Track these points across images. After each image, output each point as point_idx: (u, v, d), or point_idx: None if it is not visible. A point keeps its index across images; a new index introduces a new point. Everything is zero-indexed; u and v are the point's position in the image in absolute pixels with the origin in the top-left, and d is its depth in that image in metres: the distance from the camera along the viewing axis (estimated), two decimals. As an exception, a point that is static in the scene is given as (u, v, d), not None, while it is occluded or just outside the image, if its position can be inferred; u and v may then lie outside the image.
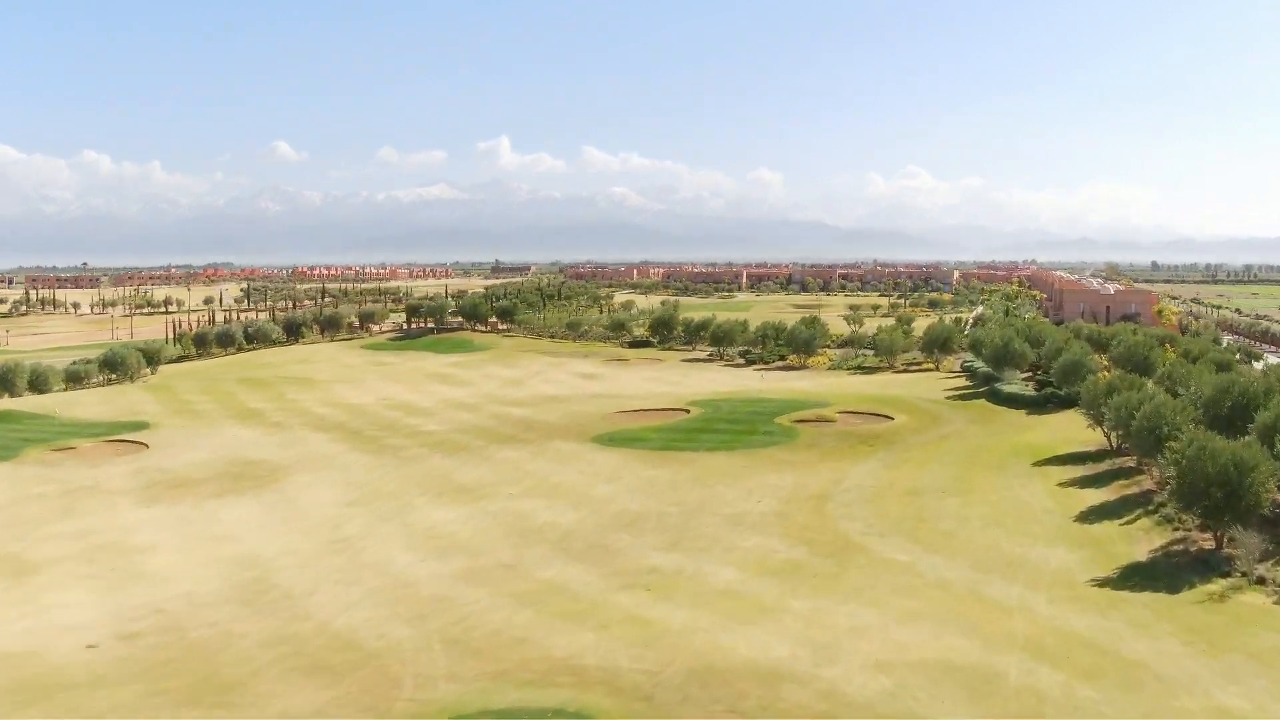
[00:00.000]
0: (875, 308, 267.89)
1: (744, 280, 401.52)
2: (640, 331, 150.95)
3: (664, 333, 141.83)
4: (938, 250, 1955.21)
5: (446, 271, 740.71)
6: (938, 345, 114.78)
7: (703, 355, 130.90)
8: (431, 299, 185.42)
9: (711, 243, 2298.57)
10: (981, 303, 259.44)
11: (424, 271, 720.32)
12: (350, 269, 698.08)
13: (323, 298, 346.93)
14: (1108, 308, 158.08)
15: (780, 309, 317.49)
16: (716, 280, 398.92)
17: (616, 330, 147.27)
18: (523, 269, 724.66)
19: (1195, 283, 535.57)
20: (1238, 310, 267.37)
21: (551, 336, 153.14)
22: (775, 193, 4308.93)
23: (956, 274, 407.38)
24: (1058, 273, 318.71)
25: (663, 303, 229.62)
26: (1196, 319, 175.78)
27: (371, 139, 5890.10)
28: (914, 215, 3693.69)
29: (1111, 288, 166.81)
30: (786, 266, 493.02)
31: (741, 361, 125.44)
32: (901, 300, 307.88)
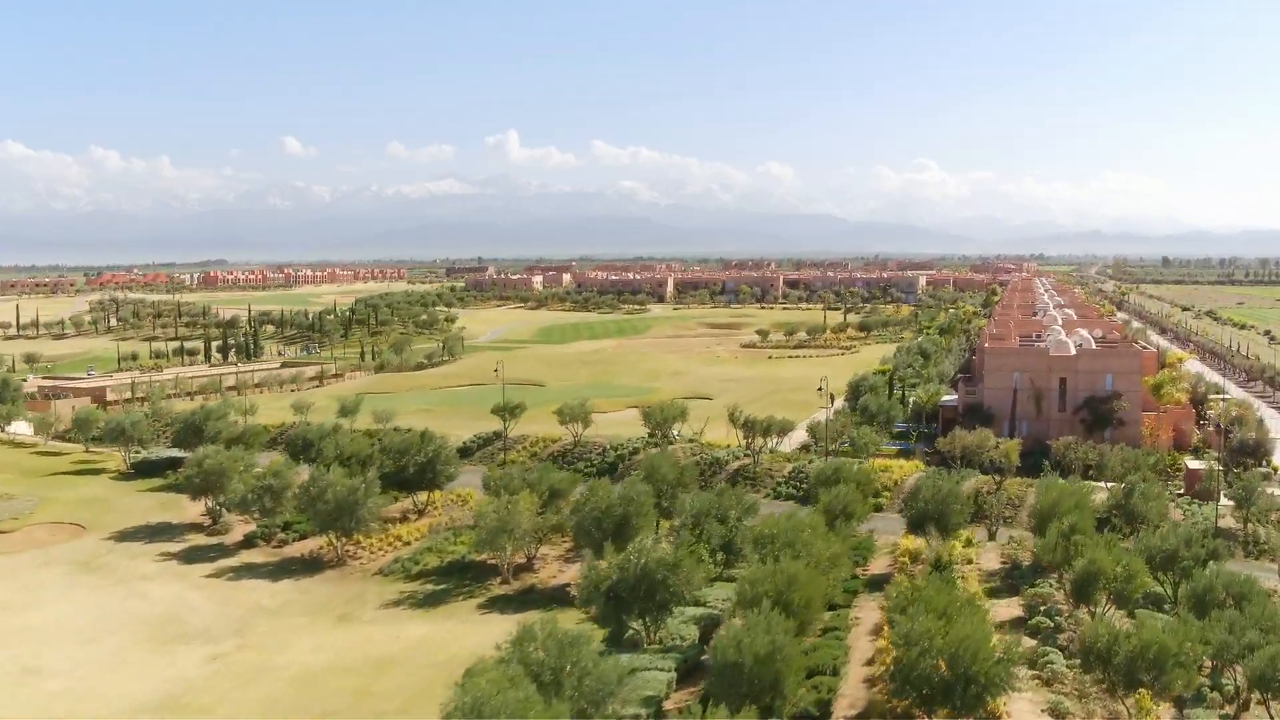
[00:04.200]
0: (790, 333, 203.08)
1: (669, 289, 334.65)
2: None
3: (194, 442, 75.86)
4: (948, 244, 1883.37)
5: (399, 272, 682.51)
6: (588, 531, 49.67)
7: (200, 516, 65.93)
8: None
9: (721, 237, 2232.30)
10: (922, 331, 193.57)
11: (375, 273, 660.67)
12: (284, 270, 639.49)
13: (135, 318, 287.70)
14: (1062, 380, 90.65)
15: (686, 329, 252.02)
16: (635, 289, 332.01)
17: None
18: (480, 268, 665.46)
19: (1210, 283, 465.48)
20: (1269, 335, 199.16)
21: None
22: (785, 186, 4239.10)
23: (923, 280, 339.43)
24: (1037, 286, 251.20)
25: (457, 340, 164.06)
26: (1220, 396, 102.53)
27: (380, 134, 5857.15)
28: (924, 208, 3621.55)
29: (1073, 342, 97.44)
30: (783, 267, 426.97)
31: (241, 539, 60.64)
32: (843, 315, 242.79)
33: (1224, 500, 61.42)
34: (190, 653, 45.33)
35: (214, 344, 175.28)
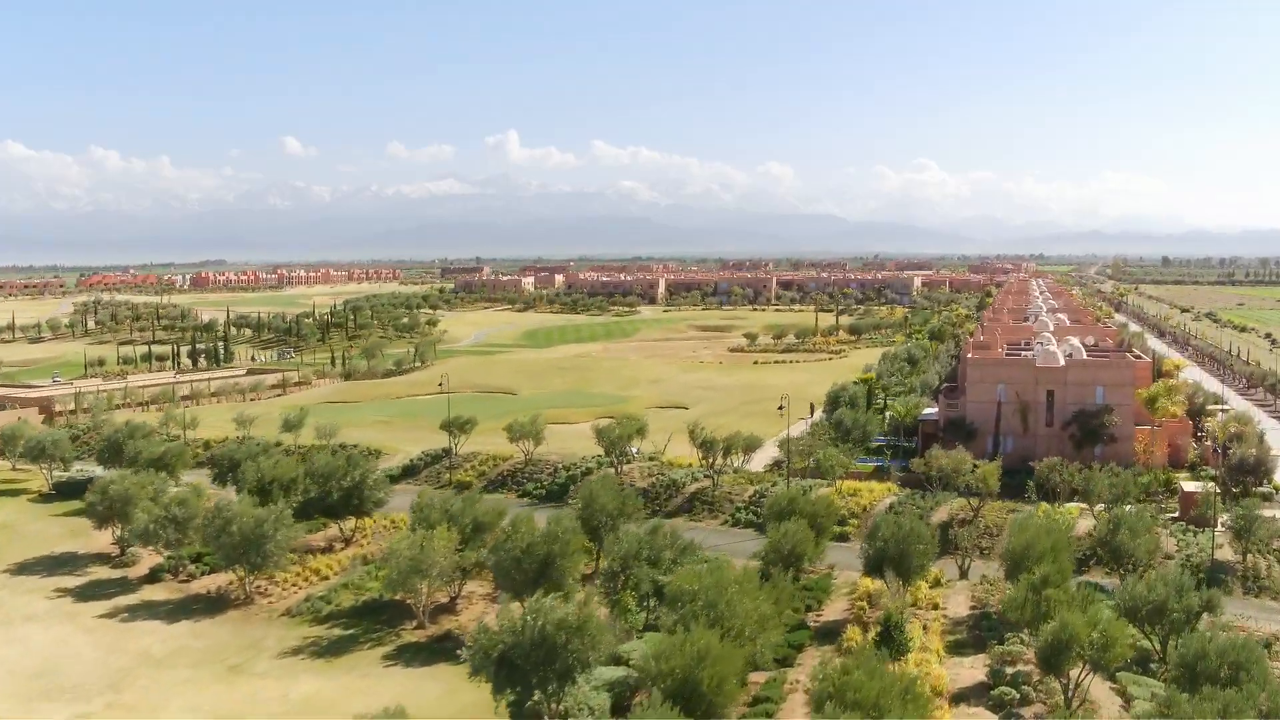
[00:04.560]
0: (778, 336, 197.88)
1: (661, 290, 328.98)
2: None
3: (117, 461, 70.30)
4: (948, 244, 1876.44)
5: (394, 273, 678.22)
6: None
7: (109, 546, 60.49)
8: None
9: (721, 237, 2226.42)
10: (913, 335, 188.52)
11: (369, 274, 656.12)
12: (277, 271, 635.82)
13: (113, 321, 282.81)
14: (1050, 393, 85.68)
15: (675, 331, 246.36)
16: (626, 291, 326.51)
17: None
18: (475, 269, 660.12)
19: (1210, 284, 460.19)
20: (1270, 339, 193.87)
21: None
22: (786, 185, 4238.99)
23: (918, 281, 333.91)
24: (1033, 288, 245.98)
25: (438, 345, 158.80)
26: (1219, 407, 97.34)
27: (380, 134, 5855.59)
28: (925, 208, 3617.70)
29: (1062, 352, 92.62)
30: (778, 267, 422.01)
31: (146, 572, 55.40)
32: (835, 317, 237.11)
33: (1221, 525, 56.36)
34: (54, 713, 40.32)
35: (184, 349, 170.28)
